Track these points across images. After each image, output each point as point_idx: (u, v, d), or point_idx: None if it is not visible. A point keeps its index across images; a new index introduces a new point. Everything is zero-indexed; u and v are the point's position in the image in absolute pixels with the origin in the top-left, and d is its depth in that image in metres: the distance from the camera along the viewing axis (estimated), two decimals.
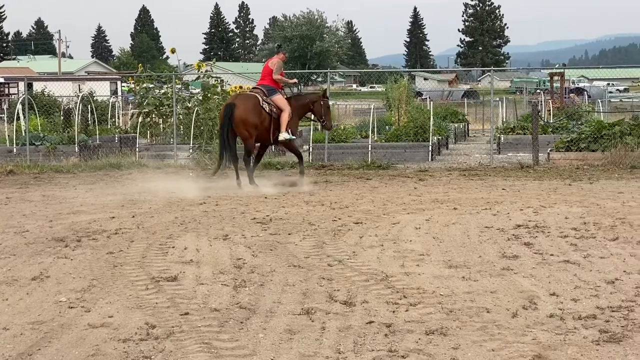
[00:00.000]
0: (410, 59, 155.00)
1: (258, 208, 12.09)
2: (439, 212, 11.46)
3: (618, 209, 11.34)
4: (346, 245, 9.12)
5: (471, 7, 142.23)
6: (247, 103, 14.82)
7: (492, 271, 7.69)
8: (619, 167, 16.93)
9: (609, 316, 6.08)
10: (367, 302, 6.60)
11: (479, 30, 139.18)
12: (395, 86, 26.46)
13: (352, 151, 19.91)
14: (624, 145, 17.52)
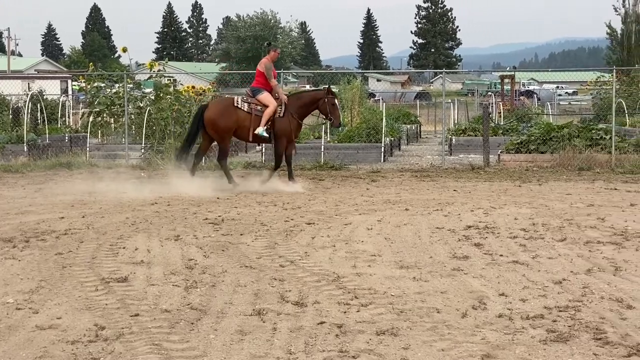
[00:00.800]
0: (364, 60, 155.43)
1: (210, 208, 12.04)
2: (390, 213, 11.53)
3: (566, 210, 11.51)
4: (298, 246, 9.12)
5: (424, 10, 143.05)
6: (218, 105, 14.97)
7: (443, 272, 7.75)
8: (567, 168, 17.19)
9: (557, 316, 6.16)
10: (319, 303, 6.61)
11: (431, 32, 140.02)
12: (348, 87, 26.53)
13: (304, 152, 19.88)
14: (572, 147, 17.79)
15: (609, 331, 5.76)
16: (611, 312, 6.26)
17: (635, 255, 8.40)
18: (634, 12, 74.26)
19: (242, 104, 14.64)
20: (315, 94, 15.38)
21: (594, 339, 5.61)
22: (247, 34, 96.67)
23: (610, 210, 11.45)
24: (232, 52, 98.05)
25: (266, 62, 14.81)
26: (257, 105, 14.61)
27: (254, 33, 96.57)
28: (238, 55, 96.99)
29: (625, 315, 6.16)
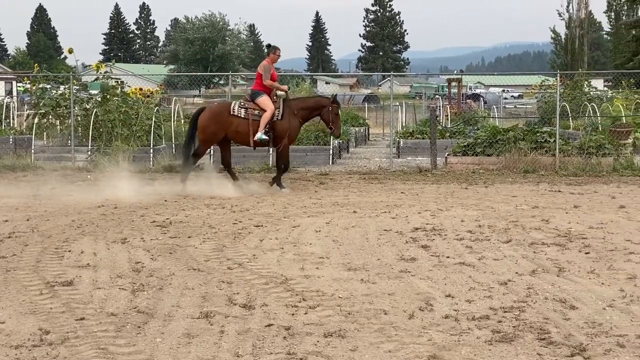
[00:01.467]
0: (313, 63, 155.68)
1: (158, 211, 11.96)
2: (339, 215, 11.56)
3: (511, 212, 11.66)
4: (246, 249, 9.11)
5: (372, 13, 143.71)
6: (212, 110, 14.95)
7: (391, 273, 7.80)
8: (512, 171, 17.43)
9: (502, 317, 6.24)
10: (267, 305, 6.61)
11: (379, 35, 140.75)
12: (297, 90, 26.57)
13: (253, 154, 19.82)
14: (518, 150, 18.02)
15: (552, 331, 5.85)
16: (555, 312, 6.36)
17: (578, 256, 8.54)
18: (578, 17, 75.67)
19: (238, 110, 14.58)
20: (320, 101, 15.35)
21: (538, 339, 5.69)
22: (195, 36, 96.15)
23: (554, 212, 11.62)
24: (180, 54, 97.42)
25: (265, 64, 14.77)
26: (254, 109, 14.56)
27: (202, 35, 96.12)
28: (186, 57, 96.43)
29: (568, 315, 6.27)
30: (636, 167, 17.49)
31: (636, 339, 5.65)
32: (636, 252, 8.64)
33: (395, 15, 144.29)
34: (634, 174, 16.93)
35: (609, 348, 5.46)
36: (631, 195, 13.60)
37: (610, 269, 7.87)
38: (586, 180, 16.08)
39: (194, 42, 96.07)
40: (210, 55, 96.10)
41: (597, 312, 6.35)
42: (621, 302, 6.62)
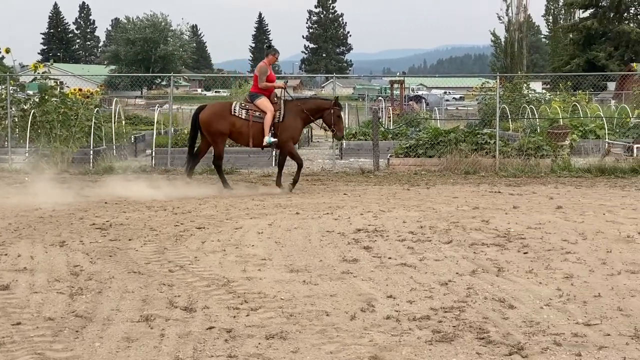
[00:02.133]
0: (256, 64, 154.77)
1: (97, 213, 11.81)
2: (281, 216, 11.55)
3: (452, 213, 11.77)
4: (188, 251, 9.04)
5: (315, 15, 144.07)
6: (213, 108, 14.91)
7: (333, 275, 7.82)
8: (454, 172, 17.62)
9: (442, 317, 6.30)
10: (208, 308, 6.57)
11: (322, 37, 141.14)
12: (240, 91, 26.51)
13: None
14: (459, 151, 18.22)
15: (491, 330, 5.92)
16: (494, 312, 6.44)
17: (517, 256, 8.66)
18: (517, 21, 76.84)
19: (239, 111, 14.55)
20: (322, 103, 15.25)
21: (477, 338, 5.76)
22: (136, 36, 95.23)
23: (494, 213, 11.77)
24: (121, 55, 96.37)
25: (262, 66, 14.71)
26: (255, 111, 14.53)
27: (144, 35, 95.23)
28: (127, 57, 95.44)
29: (507, 314, 6.35)
30: (573, 168, 17.81)
31: (572, 337, 5.75)
32: (573, 252, 8.79)
33: (339, 17, 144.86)
34: (571, 175, 17.25)
35: (546, 346, 5.55)
36: (568, 196, 13.84)
37: (547, 269, 8.00)
38: (525, 181, 16.33)
39: (135, 43, 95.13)
40: (152, 55, 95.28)
41: (535, 311, 6.45)
42: (558, 301, 6.73)
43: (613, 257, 8.53)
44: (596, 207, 12.41)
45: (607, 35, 72.27)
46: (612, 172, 17.38)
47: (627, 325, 6.03)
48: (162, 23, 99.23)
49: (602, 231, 10.12)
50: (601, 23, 72.20)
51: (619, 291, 7.07)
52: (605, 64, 68.16)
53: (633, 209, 12.19)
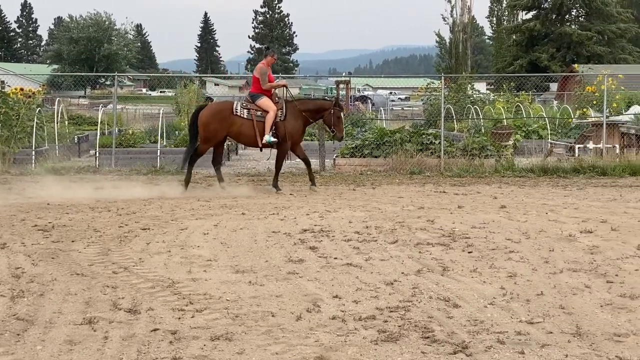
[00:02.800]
0: (201, 64, 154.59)
1: (40, 215, 11.62)
2: (227, 217, 11.50)
3: (398, 213, 11.84)
4: (132, 252, 8.95)
5: (261, 15, 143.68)
6: (213, 108, 14.86)
7: (278, 275, 7.80)
8: (399, 172, 17.73)
9: (387, 316, 6.33)
10: (153, 310, 6.50)
11: (268, 37, 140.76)
12: (185, 91, 26.32)
13: (140, 156, 19.59)
14: (404, 151, 18.34)
15: (436, 330, 5.96)
16: (439, 311, 6.48)
17: (462, 255, 8.74)
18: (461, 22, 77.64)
19: (241, 110, 14.48)
20: (323, 104, 15.23)
21: (422, 337, 5.79)
22: (80, 35, 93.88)
23: (439, 213, 11.87)
24: (64, 54, 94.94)
25: (262, 67, 14.59)
26: (257, 110, 14.46)
27: (87, 34, 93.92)
28: (71, 57, 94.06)
29: (451, 314, 6.40)
30: (517, 168, 18.04)
31: (515, 335, 5.82)
32: (516, 251, 8.90)
33: (284, 17, 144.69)
34: (514, 174, 17.47)
35: (489, 345, 5.61)
36: (512, 196, 14.02)
37: (491, 268, 8.09)
38: (470, 181, 16.50)
39: (78, 42, 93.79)
40: (96, 55, 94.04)
41: (479, 309, 6.51)
42: (501, 300, 6.81)
43: (555, 256, 8.65)
44: (539, 206, 12.59)
45: (550, 37, 73.44)
46: (555, 171, 17.64)
47: (569, 323, 6.12)
48: (106, 22, 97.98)
49: (545, 230, 10.26)
50: (543, 25, 73.35)
51: (561, 289, 7.17)
52: (547, 65, 69.27)
53: (575, 208, 12.39)
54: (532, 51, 72.94)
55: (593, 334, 5.85)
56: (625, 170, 17.42)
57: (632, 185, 15.68)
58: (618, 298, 6.85)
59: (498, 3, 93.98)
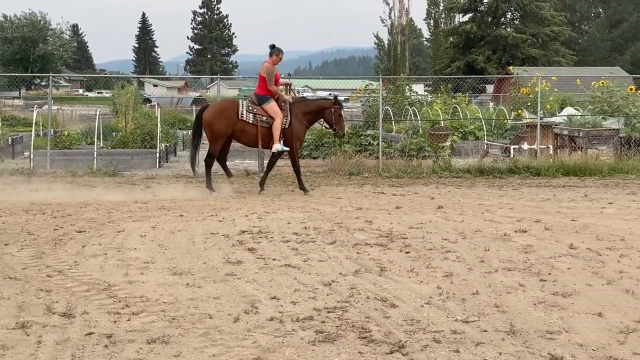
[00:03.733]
0: (140, 65, 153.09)
1: None
2: (165, 219, 11.41)
3: (336, 214, 11.89)
4: (67, 255, 8.82)
5: (200, 15, 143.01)
6: (217, 107, 14.74)
7: (216, 277, 7.77)
8: (338, 173, 17.79)
9: (325, 317, 6.34)
10: (88, 313, 6.42)
11: (207, 38, 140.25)
12: (122, 92, 26.00)
13: (76, 158, 19.31)
14: (343, 152, 18.42)
15: (373, 330, 6.00)
16: (376, 311, 6.52)
17: (399, 255, 8.81)
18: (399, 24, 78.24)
19: (247, 115, 14.35)
20: (322, 103, 15.12)
21: (359, 337, 5.82)
22: (14, 35, 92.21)
23: (377, 213, 11.94)
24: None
25: (268, 66, 14.45)
26: (262, 115, 14.33)
27: (22, 34, 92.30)
28: (5, 57, 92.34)
29: (389, 313, 6.44)
30: (453, 169, 18.24)
31: (451, 334, 5.89)
32: (453, 251, 9.01)
33: (223, 18, 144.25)
34: (451, 175, 17.66)
35: (426, 344, 5.66)
36: (449, 196, 14.17)
37: (428, 268, 8.17)
38: (407, 182, 16.63)
39: (12, 42, 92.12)
40: (31, 55, 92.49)
41: (416, 309, 6.57)
42: (438, 299, 6.88)
43: (491, 255, 8.78)
44: (475, 206, 12.76)
45: (486, 39, 74.50)
46: (491, 172, 17.89)
47: (504, 322, 6.22)
48: (41, 22, 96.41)
49: (481, 230, 10.41)
50: (480, 27, 74.40)
51: (496, 288, 7.28)
52: (484, 67, 70.26)
53: (510, 208, 12.59)
54: (469, 53, 73.91)
55: (526, 332, 5.95)
56: (559, 171, 17.75)
57: (565, 185, 15.98)
58: (551, 296, 6.98)
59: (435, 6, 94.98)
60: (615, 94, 22.06)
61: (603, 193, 14.58)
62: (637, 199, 13.66)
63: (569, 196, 14.11)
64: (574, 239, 9.72)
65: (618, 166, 17.97)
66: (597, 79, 24.54)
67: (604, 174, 17.50)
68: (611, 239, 9.76)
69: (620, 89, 22.53)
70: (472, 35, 73.77)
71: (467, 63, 72.61)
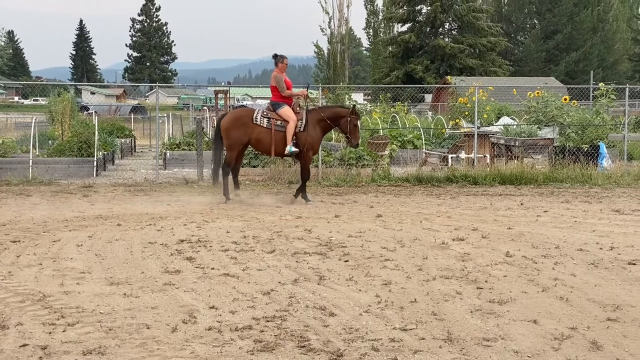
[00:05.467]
0: (77, 72, 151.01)
1: None
2: (102, 228, 11.28)
3: (276, 223, 11.88)
4: (1, 265, 8.65)
5: (138, 23, 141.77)
6: (233, 115, 14.66)
7: (154, 287, 7.70)
8: (277, 182, 17.80)
9: (264, 326, 6.33)
10: (22, 325, 6.30)
11: (146, 46, 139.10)
12: (59, 100, 25.62)
13: (11, 166, 18.95)
14: (282, 161, 18.40)
15: (312, 338, 6.01)
16: (315, 320, 6.53)
17: (338, 264, 8.84)
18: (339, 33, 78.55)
19: (261, 119, 14.31)
20: (340, 111, 14.99)
21: (298, 346, 5.82)
22: None
23: (317, 222, 11.97)
24: None
25: (277, 75, 14.44)
26: (277, 120, 14.29)
27: None
28: None
29: (327, 322, 6.46)
30: (392, 178, 18.37)
31: (389, 342, 5.92)
32: (391, 259, 9.07)
33: (163, 25, 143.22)
34: (390, 184, 17.78)
35: (364, 352, 5.69)
36: (387, 205, 14.27)
37: (367, 276, 8.21)
38: (347, 191, 16.70)
39: None
40: None
41: (355, 317, 6.60)
42: (376, 308, 6.92)
43: (429, 264, 8.86)
44: (414, 215, 12.87)
45: (424, 49, 75.15)
46: (429, 181, 18.06)
47: (441, 329, 6.28)
48: None
49: (419, 238, 10.50)
50: (418, 37, 75.02)
51: (434, 296, 7.35)
52: (422, 77, 70.84)
53: (448, 216, 12.73)
54: (408, 63, 74.48)
55: (463, 339, 6.02)
56: (495, 179, 18.02)
57: (502, 194, 16.21)
58: (487, 304, 7.07)
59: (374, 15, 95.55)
60: (550, 104, 22.47)
61: (538, 201, 14.84)
62: (571, 207, 13.93)
63: (506, 204, 14.33)
64: (510, 247, 9.87)
65: (553, 175, 18.31)
66: (532, 89, 24.99)
67: (539, 183, 17.81)
68: (546, 246, 9.94)
69: (555, 99, 22.95)
70: (410, 45, 74.38)
71: (406, 72, 73.14)
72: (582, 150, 19.66)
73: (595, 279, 8.15)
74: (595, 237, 10.64)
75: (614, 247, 9.92)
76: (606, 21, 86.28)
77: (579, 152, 19.49)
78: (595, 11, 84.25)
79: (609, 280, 8.08)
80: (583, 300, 7.24)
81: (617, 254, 9.49)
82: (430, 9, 73.90)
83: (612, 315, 6.70)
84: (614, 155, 20.95)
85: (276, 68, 14.78)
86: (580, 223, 12.03)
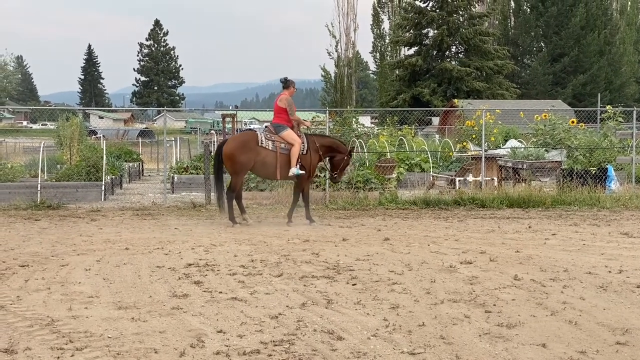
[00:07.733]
0: (85, 97, 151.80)
1: None
2: (110, 252, 11.29)
3: (283, 246, 11.88)
4: (10, 290, 8.67)
5: (146, 47, 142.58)
6: (238, 139, 14.66)
7: (162, 311, 7.70)
8: (285, 205, 17.75)
9: (272, 350, 6.32)
10: (30, 349, 6.31)
11: (154, 70, 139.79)
12: (67, 124, 25.74)
13: (19, 191, 19.01)
14: (290, 184, 18.41)
15: None
16: (323, 343, 6.52)
17: (346, 288, 8.83)
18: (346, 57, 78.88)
19: (266, 142, 14.39)
20: (340, 146, 15.34)
21: None
22: None
23: (324, 246, 11.97)
24: None
25: (288, 98, 14.66)
26: (280, 142, 14.42)
27: None
28: None
29: (335, 346, 6.44)
30: (400, 201, 18.36)
31: None
32: (399, 283, 9.06)
33: (170, 50, 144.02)
34: (397, 207, 17.77)
35: None
36: (395, 228, 14.26)
37: (375, 299, 8.20)
38: (354, 214, 16.70)
39: None
40: None
41: (362, 341, 6.58)
42: (384, 331, 6.91)
43: (437, 287, 8.85)
44: (421, 238, 12.86)
45: (431, 72, 75.25)
46: (437, 204, 18.05)
47: (449, 353, 6.26)
48: None
49: (427, 262, 10.48)
50: (425, 60, 75.15)
51: (442, 320, 7.33)
52: (429, 100, 70.90)
53: (455, 239, 12.71)
54: (415, 86, 74.57)
55: None
56: (503, 202, 18.00)
57: (510, 217, 16.19)
58: (496, 327, 7.05)
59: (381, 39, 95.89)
60: (558, 127, 22.48)
61: (546, 224, 14.81)
62: (580, 230, 13.91)
63: (514, 227, 14.31)
64: (518, 270, 9.85)
65: (561, 198, 18.28)
66: (539, 112, 24.98)
67: (547, 206, 17.78)
68: (554, 270, 9.91)
69: (562, 122, 22.96)
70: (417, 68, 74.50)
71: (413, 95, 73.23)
72: (590, 172, 19.64)
73: (604, 302, 8.12)
74: (603, 260, 10.62)
75: (623, 270, 9.89)
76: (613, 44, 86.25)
77: (586, 175, 19.48)
78: (602, 34, 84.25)
79: (617, 304, 8.05)
80: (592, 323, 7.22)
81: (626, 277, 9.46)
82: (437, 32, 74.05)
83: (622, 339, 6.67)
84: (622, 177, 20.92)
85: (286, 91, 14.90)
86: (589, 246, 12.01)
